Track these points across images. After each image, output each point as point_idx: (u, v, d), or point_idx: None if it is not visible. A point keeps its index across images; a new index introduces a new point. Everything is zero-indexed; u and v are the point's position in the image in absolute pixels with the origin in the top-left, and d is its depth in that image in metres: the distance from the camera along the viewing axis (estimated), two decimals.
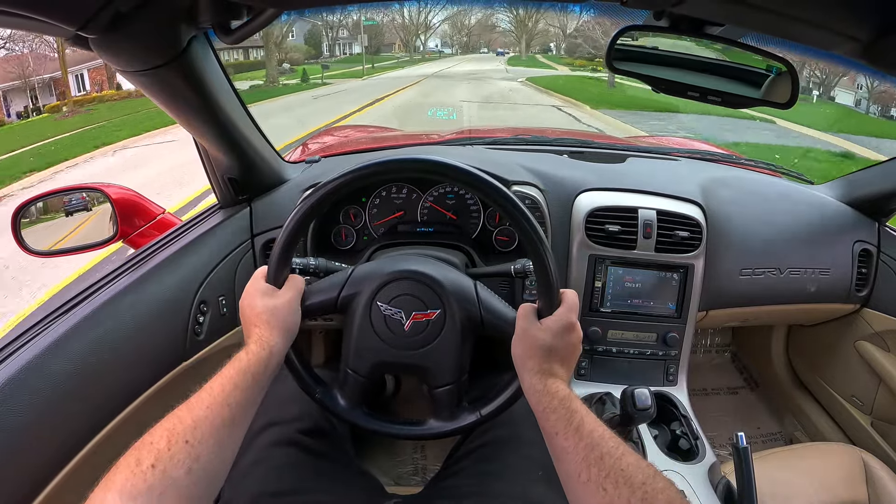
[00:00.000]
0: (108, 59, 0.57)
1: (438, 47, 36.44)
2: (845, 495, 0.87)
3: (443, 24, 35.91)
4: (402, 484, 1.24)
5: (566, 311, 0.58)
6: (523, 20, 29.90)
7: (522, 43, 31.18)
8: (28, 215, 0.99)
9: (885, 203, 1.12)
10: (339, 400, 0.67)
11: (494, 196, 0.58)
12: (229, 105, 0.78)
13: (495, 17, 35.89)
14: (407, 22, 31.62)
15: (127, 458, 0.43)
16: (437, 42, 36.80)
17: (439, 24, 33.68)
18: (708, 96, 0.60)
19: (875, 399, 1.17)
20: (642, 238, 0.99)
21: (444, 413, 0.65)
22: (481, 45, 37.06)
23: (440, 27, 35.92)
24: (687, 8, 0.49)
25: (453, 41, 37.35)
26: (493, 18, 36.22)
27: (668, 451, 0.88)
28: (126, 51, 0.57)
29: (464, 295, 0.65)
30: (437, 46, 36.45)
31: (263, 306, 0.59)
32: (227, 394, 0.50)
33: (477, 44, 36.94)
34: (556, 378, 0.54)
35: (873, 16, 0.43)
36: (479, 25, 36.39)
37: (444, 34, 37.23)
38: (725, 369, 1.65)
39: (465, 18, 36.33)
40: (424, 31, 33.26)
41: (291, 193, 1.01)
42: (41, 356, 0.63)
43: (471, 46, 36.56)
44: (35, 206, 1.01)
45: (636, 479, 0.42)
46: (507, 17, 32.67)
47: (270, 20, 0.54)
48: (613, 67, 0.60)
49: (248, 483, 0.65)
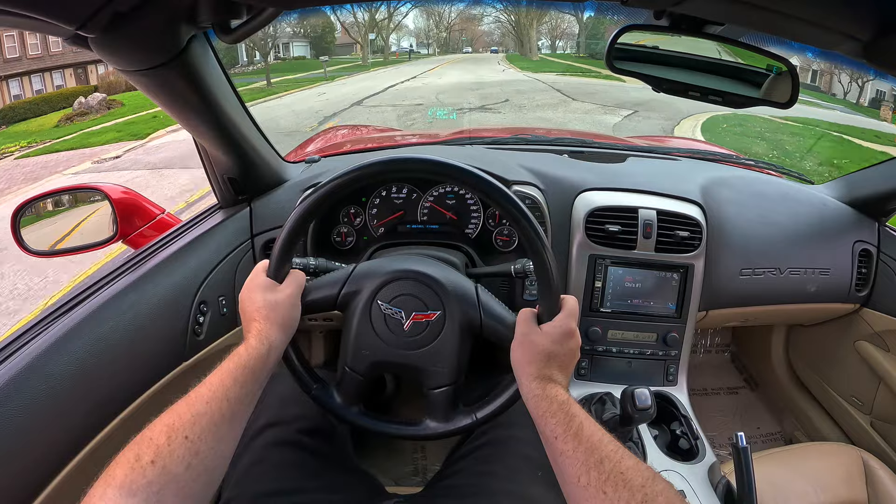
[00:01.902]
0: (107, 58, 0.57)
1: (412, 47, 29.96)
2: (845, 495, 0.87)
3: (416, 19, 30.13)
4: (402, 484, 1.24)
5: (566, 317, 0.58)
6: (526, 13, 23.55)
7: (531, 37, 23.63)
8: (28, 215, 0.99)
9: (886, 203, 1.12)
10: (336, 397, 0.67)
11: (495, 196, 0.58)
12: (229, 105, 0.78)
13: (480, 8, 29.96)
14: (360, 21, 24.00)
15: (126, 453, 0.43)
16: (412, 41, 31.07)
17: (405, 13, 27.80)
18: (709, 96, 0.60)
19: (875, 399, 1.17)
20: (642, 238, 0.99)
21: (439, 414, 0.65)
22: (463, 42, 31.27)
23: (413, 22, 30.17)
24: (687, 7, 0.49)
25: (429, 38, 30.84)
26: (478, 9, 30.29)
27: (668, 451, 0.88)
28: (125, 50, 0.57)
29: (465, 297, 0.64)
30: (412, 46, 30.11)
31: (264, 300, 0.59)
32: (227, 389, 0.50)
33: (458, 41, 31.17)
34: (554, 383, 0.54)
35: (873, 15, 0.43)
36: (461, 18, 29.83)
37: (417, 31, 31.25)
38: (725, 369, 1.65)
39: (443, 10, 30.05)
40: (388, 27, 26.25)
41: (291, 193, 1.01)
42: (41, 356, 0.63)
43: (451, 45, 30.40)
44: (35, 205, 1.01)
45: (635, 482, 0.43)
46: (498, 11, 26.03)
47: (270, 19, 0.54)
48: (614, 67, 0.60)
49: (249, 483, 0.65)
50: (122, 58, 0.59)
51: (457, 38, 31.24)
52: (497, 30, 29.93)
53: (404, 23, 30.41)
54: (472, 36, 31.36)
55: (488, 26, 30.58)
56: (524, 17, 23.95)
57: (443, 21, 30.42)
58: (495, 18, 28.96)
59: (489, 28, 30.66)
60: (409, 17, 30.84)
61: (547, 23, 25.78)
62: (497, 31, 29.96)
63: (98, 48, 0.54)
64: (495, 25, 29.87)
